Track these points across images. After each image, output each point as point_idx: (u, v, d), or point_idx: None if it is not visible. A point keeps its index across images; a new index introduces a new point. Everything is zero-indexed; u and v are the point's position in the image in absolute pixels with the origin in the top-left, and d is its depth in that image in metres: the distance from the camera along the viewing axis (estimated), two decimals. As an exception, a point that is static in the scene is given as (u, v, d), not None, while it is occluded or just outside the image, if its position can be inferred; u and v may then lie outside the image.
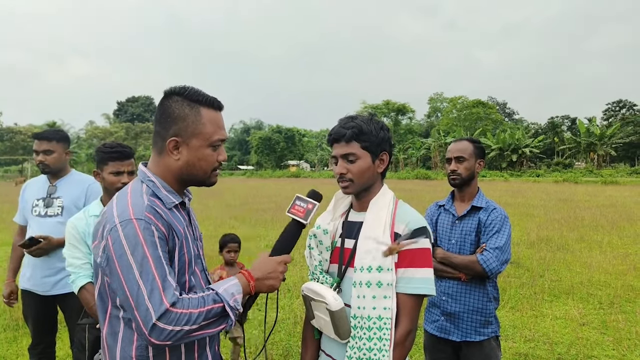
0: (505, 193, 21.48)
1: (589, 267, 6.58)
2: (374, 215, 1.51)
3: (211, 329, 1.19)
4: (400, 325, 1.42)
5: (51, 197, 2.84)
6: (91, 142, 65.90)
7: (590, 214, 12.54)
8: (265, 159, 69.64)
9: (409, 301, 1.43)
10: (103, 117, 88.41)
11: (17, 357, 3.77)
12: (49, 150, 2.82)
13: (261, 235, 9.70)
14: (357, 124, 1.50)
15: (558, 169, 47.14)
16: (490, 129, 60.08)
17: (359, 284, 1.45)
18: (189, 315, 1.13)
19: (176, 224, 1.27)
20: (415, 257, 1.44)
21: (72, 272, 2.23)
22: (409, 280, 1.43)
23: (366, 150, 1.51)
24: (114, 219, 1.18)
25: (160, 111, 1.31)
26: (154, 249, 1.16)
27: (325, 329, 1.52)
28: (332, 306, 1.42)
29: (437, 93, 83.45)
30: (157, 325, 1.10)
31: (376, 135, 1.51)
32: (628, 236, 9.19)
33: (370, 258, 1.44)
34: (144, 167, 1.34)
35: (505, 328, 4.35)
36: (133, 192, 1.26)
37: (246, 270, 1.32)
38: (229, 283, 1.25)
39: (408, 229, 1.46)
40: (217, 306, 1.19)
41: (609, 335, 4.14)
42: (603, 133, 48.16)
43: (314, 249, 1.61)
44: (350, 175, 1.51)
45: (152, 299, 1.10)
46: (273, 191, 24.99)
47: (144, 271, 1.12)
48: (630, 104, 64.02)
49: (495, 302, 2.30)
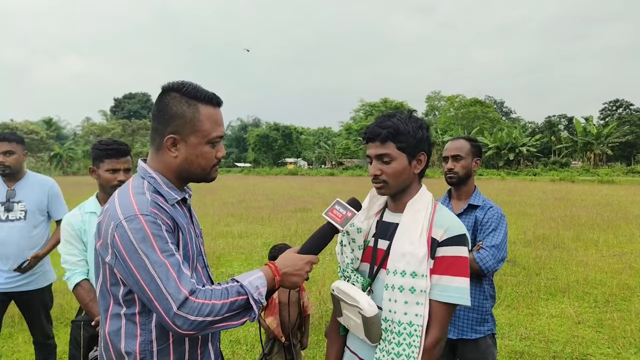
0: (502, 192, 21.53)
1: (584, 266, 6.61)
2: (411, 217, 1.45)
3: (234, 321, 1.19)
4: (431, 333, 1.38)
5: (11, 202, 2.78)
6: (88, 138, 65.55)
7: (586, 213, 12.58)
8: (263, 157, 69.55)
9: (442, 309, 1.39)
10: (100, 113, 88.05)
11: (13, 353, 3.76)
12: (10, 151, 2.79)
13: (258, 232, 9.69)
14: (393, 123, 1.43)
15: (555, 168, 47.29)
16: (488, 127, 60.11)
17: (391, 287, 1.40)
18: (211, 305, 1.13)
19: (179, 220, 1.28)
20: (452, 265, 1.39)
21: (68, 269, 2.22)
22: (444, 288, 1.38)
23: (402, 151, 1.44)
24: (118, 215, 1.17)
25: (158, 108, 1.30)
26: (162, 242, 1.15)
27: (355, 330, 1.48)
28: (367, 312, 1.37)
29: (434, 91, 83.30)
30: (178, 314, 1.10)
31: (414, 136, 1.43)
32: (624, 235, 9.23)
33: (405, 262, 1.39)
34: (144, 164, 1.33)
35: (502, 326, 4.36)
36: (135, 188, 1.25)
37: (273, 264, 1.31)
38: (254, 275, 1.25)
39: (447, 235, 1.41)
40: (242, 298, 1.19)
41: (604, 334, 4.16)
42: (600, 132, 48.33)
43: (346, 246, 1.56)
44: (384, 176, 1.45)
45: (169, 289, 1.10)
46: (270, 189, 24.97)
47: (156, 262, 1.12)
48: (627, 104, 64.23)
49: (491, 300, 2.31)
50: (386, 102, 67.02)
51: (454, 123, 62.59)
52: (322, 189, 23.64)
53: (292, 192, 22.32)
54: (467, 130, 57.44)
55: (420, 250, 1.37)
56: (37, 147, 58.67)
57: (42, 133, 60.22)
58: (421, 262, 1.37)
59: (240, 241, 8.72)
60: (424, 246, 1.38)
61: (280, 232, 9.57)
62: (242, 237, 9.19)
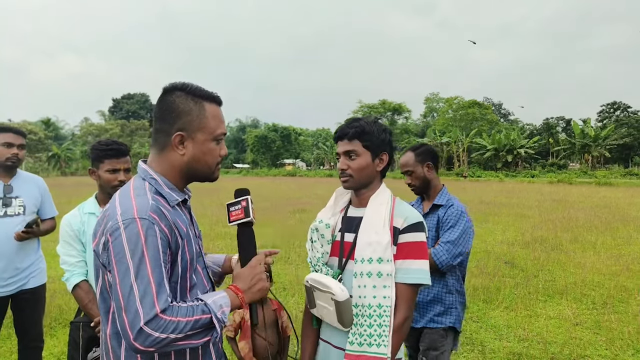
0: (500, 193, 21.56)
1: (582, 268, 6.62)
2: (374, 210, 1.60)
3: (195, 340, 1.17)
4: (398, 313, 1.52)
5: (8, 197, 2.77)
6: (86, 139, 65.46)
7: (584, 215, 12.61)
8: (261, 158, 69.54)
9: (407, 290, 1.53)
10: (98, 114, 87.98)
11: (12, 354, 3.75)
12: (22, 145, 2.82)
13: (257, 233, 9.67)
14: (360, 124, 1.61)
15: (553, 170, 47.40)
16: (486, 129, 60.22)
17: (359, 274, 1.54)
18: (177, 323, 1.12)
19: (179, 223, 1.26)
20: (413, 250, 1.54)
21: (67, 270, 2.22)
22: (407, 271, 1.53)
23: (367, 149, 1.61)
24: (116, 217, 1.17)
25: (162, 107, 1.30)
26: (154, 251, 1.14)
27: (328, 318, 1.60)
28: (339, 297, 1.49)
29: (433, 93, 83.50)
30: (143, 329, 1.07)
31: (377, 136, 1.61)
32: (621, 237, 9.25)
33: (371, 250, 1.53)
34: (145, 165, 1.33)
35: (500, 328, 4.37)
36: (136, 189, 1.25)
37: (232, 285, 1.33)
38: (218, 295, 1.25)
39: (407, 223, 1.56)
40: (205, 317, 1.18)
41: (602, 335, 4.17)
42: (597, 134, 48.49)
43: (316, 242, 1.70)
44: (350, 171, 1.61)
45: (143, 302, 1.09)
46: (269, 190, 24.96)
47: (140, 273, 1.11)
48: (625, 106, 64.39)
49: (457, 294, 2.40)
50: (384, 104, 67.05)
51: (452, 125, 62.66)
52: (321, 190, 23.63)
53: (290, 193, 22.31)
54: (466, 131, 57.53)
55: (385, 238, 1.53)
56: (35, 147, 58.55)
57: (41, 133, 60.11)
58: (386, 249, 1.52)
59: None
60: (388, 234, 1.54)
61: (279, 233, 9.57)
62: (241, 238, 9.16)
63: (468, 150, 56.21)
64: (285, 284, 5.79)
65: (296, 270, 6.40)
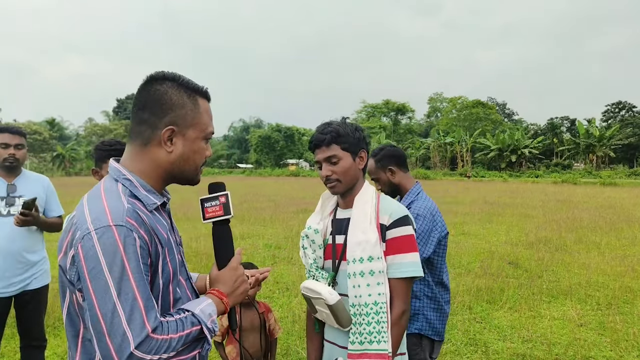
0: (504, 193, 21.49)
1: (587, 268, 6.59)
2: (360, 210, 1.63)
3: (186, 355, 1.06)
4: (395, 307, 1.56)
5: (11, 196, 2.77)
6: (90, 139, 65.70)
7: (588, 215, 12.55)
8: (265, 158, 69.59)
9: (400, 284, 1.57)
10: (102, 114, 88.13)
11: (15, 353, 3.77)
12: (21, 145, 2.80)
13: (259, 233, 9.70)
14: (334, 128, 1.63)
15: (557, 170, 47.24)
16: (490, 129, 60.09)
17: (352, 274, 1.57)
18: (169, 341, 1.00)
19: (159, 229, 1.12)
20: (402, 244, 1.58)
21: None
22: (399, 265, 1.57)
23: (346, 151, 1.63)
24: (86, 225, 1.01)
25: (149, 96, 1.14)
26: (135, 261, 0.99)
27: (328, 321, 1.63)
28: (329, 300, 1.54)
29: (436, 93, 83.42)
30: (134, 354, 0.94)
31: (353, 136, 1.65)
32: (626, 238, 9.20)
33: (361, 250, 1.56)
34: (117, 164, 1.17)
35: (504, 328, 4.36)
36: (107, 192, 1.09)
37: (214, 289, 1.22)
38: (204, 303, 1.13)
39: (392, 219, 1.59)
40: (196, 329, 1.07)
41: (607, 336, 4.15)
42: (602, 134, 48.25)
43: (307, 248, 1.73)
44: (335, 175, 1.63)
45: (131, 323, 0.95)
46: (272, 190, 24.98)
47: (123, 289, 0.96)
48: (630, 106, 64.04)
49: (427, 300, 2.25)
50: (388, 104, 67.05)
51: (455, 125, 62.55)
52: (324, 191, 23.58)
53: (294, 193, 22.32)
54: (469, 132, 57.39)
55: (373, 236, 1.56)
56: (40, 147, 58.85)
57: (45, 133, 60.41)
58: (375, 247, 1.55)
59: (242, 242, 8.72)
60: (375, 232, 1.56)
61: (282, 233, 9.57)
62: (244, 238, 9.19)
63: (472, 150, 56.06)
64: (288, 284, 5.79)
65: (299, 271, 6.40)
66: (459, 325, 4.41)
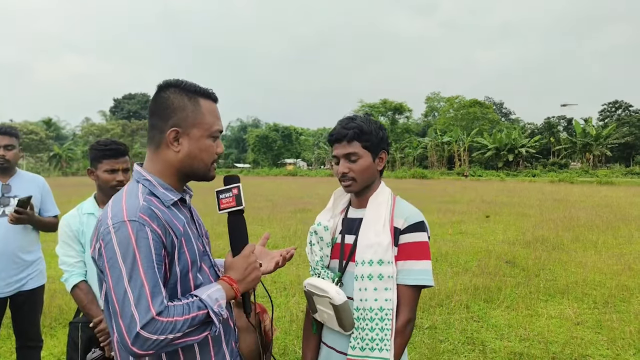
0: (501, 192, 21.53)
1: (584, 267, 6.61)
2: (374, 211, 1.57)
3: (194, 336, 1.16)
4: (401, 315, 1.49)
5: (6, 196, 2.76)
6: (87, 139, 65.48)
7: (585, 214, 12.58)
8: (262, 157, 69.57)
9: (409, 292, 1.50)
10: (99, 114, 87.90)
11: (12, 354, 3.75)
12: (11, 145, 2.77)
13: (257, 233, 9.68)
14: (357, 124, 1.55)
15: (554, 169, 47.36)
16: (487, 128, 60.15)
17: (360, 277, 1.50)
18: (174, 323, 1.10)
19: (175, 223, 1.24)
20: (414, 250, 1.51)
21: (65, 271, 2.21)
22: (409, 272, 1.49)
23: (367, 150, 1.56)
24: (107, 220, 1.16)
25: (156, 104, 1.28)
26: (146, 253, 1.12)
27: (329, 322, 1.57)
28: (336, 300, 1.47)
29: (434, 92, 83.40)
30: (140, 334, 1.06)
31: (376, 135, 1.57)
32: (623, 236, 9.22)
33: (372, 252, 1.49)
34: (140, 167, 1.31)
35: (501, 327, 4.36)
36: (128, 193, 1.23)
37: (226, 276, 1.30)
38: (212, 289, 1.22)
39: (407, 224, 1.53)
40: (202, 313, 1.16)
41: (603, 335, 4.16)
42: (599, 133, 48.40)
43: (315, 245, 1.66)
44: (352, 174, 1.56)
45: (139, 306, 1.07)
46: (270, 189, 24.96)
47: (133, 277, 1.09)
48: (626, 105, 64.29)
49: None
50: (385, 103, 67.03)
51: (453, 124, 62.61)
52: (322, 190, 23.62)
53: (291, 192, 22.31)
54: (467, 131, 57.47)
55: (385, 239, 1.49)
56: (37, 147, 58.65)
57: (42, 133, 60.21)
58: (386, 250, 1.48)
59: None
60: (388, 235, 1.50)
61: (280, 233, 9.57)
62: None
63: (469, 149, 56.15)
64: (285, 284, 5.79)
65: (297, 270, 6.40)
66: (456, 324, 4.42)
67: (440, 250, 7.64)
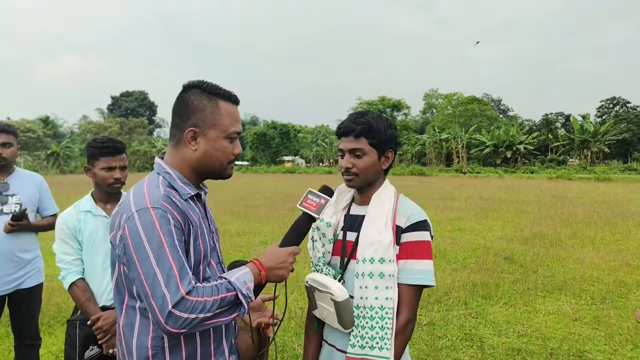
0: (500, 189, 21.56)
1: (581, 263, 6.63)
2: (376, 208, 1.55)
3: (224, 317, 1.20)
4: (401, 315, 1.47)
5: (4, 194, 2.75)
6: (85, 137, 65.28)
7: (583, 211, 12.61)
8: (260, 155, 69.51)
9: (410, 291, 1.48)
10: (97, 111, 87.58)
11: (10, 352, 3.75)
12: (8, 143, 2.76)
13: (256, 230, 9.69)
14: (367, 120, 1.53)
15: (552, 166, 47.46)
16: (485, 125, 60.20)
17: (361, 275, 1.49)
18: (204, 303, 1.14)
19: (191, 214, 1.29)
20: (416, 249, 1.49)
21: (63, 268, 2.21)
22: (410, 271, 1.48)
23: (373, 147, 1.54)
24: (130, 207, 1.20)
25: (178, 104, 1.33)
26: (170, 237, 1.17)
27: (329, 319, 1.55)
28: (338, 297, 1.45)
29: (432, 89, 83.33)
30: (172, 313, 1.10)
31: (385, 133, 1.54)
32: (620, 232, 9.25)
33: (373, 250, 1.48)
34: (161, 160, 1.36)
35: (499, 323, 4.37)
36: (149, 183, 1.28)
37: (257, 260, 1.33)
38: (241, 272, 1.27)
39: (409, 222, 1.51)
40: (230, 294, 1.20)
41: (601, 331, 4.17)
42: (597, 130, 48.49)
43: (317, 241, 1.65)
44: (355, 169, 1.55)
45: (169, 287, 1.11)
46: (268, 187, 24.95)
47: (160, 259, 1.13)
48: (624, 101, 64.39)
49: None
50: (384, 100, 67.06)
51: (451, 121, 62.64)
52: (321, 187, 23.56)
53: (289, 190, 22.29)
54: (465, 128, 57.50)
55: (387, 238, 1.47)
56: (34, 145, 58.49)
57: (39, 131, 60.03)
58: (388, 249, 1.46)
59: (238, 239, 8.71)
60: (390, 233, 1.48)
61: (278, 230, 9.56)
62: (240, 235, 9.18)
63: (467, 146, 56.19)
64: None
65: (296, 267, 6.38)
66: (454, 320, 4.43)
67: (439, 247, 7.65)
